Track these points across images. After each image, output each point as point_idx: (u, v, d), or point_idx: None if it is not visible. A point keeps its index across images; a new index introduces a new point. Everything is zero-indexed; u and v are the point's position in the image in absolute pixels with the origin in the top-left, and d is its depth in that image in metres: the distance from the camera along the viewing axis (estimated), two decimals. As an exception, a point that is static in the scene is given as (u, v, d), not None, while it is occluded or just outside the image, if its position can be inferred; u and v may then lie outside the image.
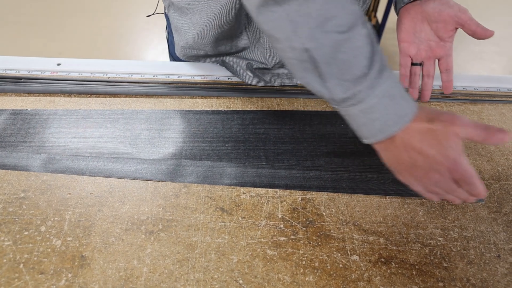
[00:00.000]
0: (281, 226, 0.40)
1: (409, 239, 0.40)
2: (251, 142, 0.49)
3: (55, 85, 0.55)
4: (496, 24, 2.50)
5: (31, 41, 2.07)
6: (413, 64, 0.55)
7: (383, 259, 0.38)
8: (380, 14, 1.92)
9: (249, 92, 0.57)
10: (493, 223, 0.42)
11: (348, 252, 0.39)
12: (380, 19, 1.94)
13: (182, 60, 0.62)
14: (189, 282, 0.35)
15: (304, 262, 0.38)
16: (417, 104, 0.38)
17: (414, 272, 0.37)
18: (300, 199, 0.43)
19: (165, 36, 0.69)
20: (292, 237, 0.40)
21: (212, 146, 0.48)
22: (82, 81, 0.56)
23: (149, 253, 0.37)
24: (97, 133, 0.49)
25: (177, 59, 0.64)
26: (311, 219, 0.41)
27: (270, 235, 0.40)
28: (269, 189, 0.44)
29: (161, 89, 0.55)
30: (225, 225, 0.40)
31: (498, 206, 0.44)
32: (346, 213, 0.42)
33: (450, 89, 0.56)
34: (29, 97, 0.54)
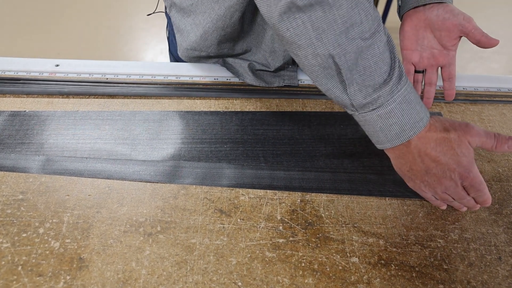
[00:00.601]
0: (280, 228, 0.40)
1: (409, 241, 0.40)
2: (250, 143, 0.49)
3: (54, 86, 0.55)
4: (496, 24, 2.50)
5: (29, 42, 2.07)
6: (416, 72, 0.55)
7: (383, 261, 0.38)
8: (380, 14, 1.91)
9: (248, 93, 0.56)
10: (494, 225, 0.42)
11: (348, 254, 0.38)
12: (380, 19, 1.93)
13: (183, 61, 0.62)
14: (188, 285, 0.35)
15: (303, 264, 0.37)
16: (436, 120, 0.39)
17: (414, 274, 0.37)
18: (299, 201, 0.43)
19: (166, 35, 0.69)
20: (291, 239, 0.39)
21: (211, 147, 0.48)
22: (81, 82, 0.56)
23: (148, 255, 0.37)
24: (96, 135, 0.49)
25: (178, 58, 0.64)
26: (310, 221, 0.41)
27: (269, 237, 0.39)
28: (268, 191, 0.44)
29: (160, 90, 0.55)
30: (224, 227, 0.40)
31: (499, 208, 0.44)
32: (346, 215, 0.42)
33: (452, 97, 0.55)
34: (28, 98, 0.54)
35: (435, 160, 0.38)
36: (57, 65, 0.59)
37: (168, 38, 0.67)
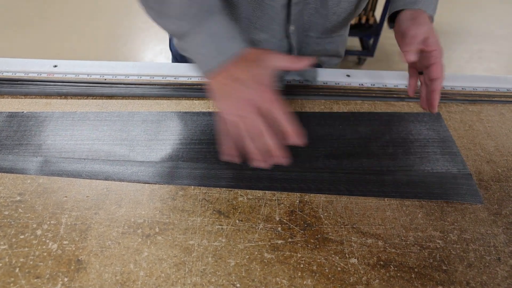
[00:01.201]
0: (279, 229, 0.40)
1: (408, 242, 0.40)
2: (249, 144, 0.49)
3: (52, 87, 0.55)
4: (496, 24, 2.50)
5: (27, 43, 2.06)
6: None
7: (382, 262, 0.38)
8: (378, 13, 1.91)
9: (247, 93, 0.56)
10: (493, 225, 0.42)
11: (347, 255, 0.38)
12: (378, 18, 1.94)
13: (183, 58, 0.62)
14: (186, 286, 0.35)
15: (302, 266, 0.37)
16: (247, 51, 0.41)
17: (413, 275, 0.37)
18: (298, 202, 0.43)
19: (167, 34, 0.69)
20: (290, 240, 0.39)
21: (209, 148, 0.48)
22: (79, 83, 0.56)
23: (146, 257, 0.37)
24: (94, 136, 0.49)
25: (177, 55, 0.64)
26: (309, 222, 0.41)
27: (268, 238, 0.39)
28: (267, 192, 0.44)
29: (158, 91, 0.55)
30: (222, 228, 0.40)
31: (498, 208, 0.44)
32: (344, 216, 0.42)
33: (434, 108, 0.49)
34: (26, 99, 0.53)
35: (238, 80, 0.40)
36: (55, 66, 0.59)
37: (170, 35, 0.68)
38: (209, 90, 0.42)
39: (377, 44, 2.00)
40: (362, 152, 0.48)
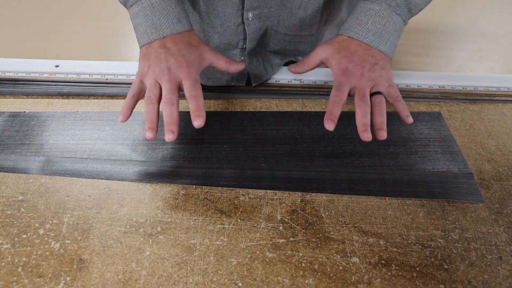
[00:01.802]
0: (280, 228, 0.40)
1: (410, 241, 0.40)
2: (250, 144, 0.49)
3: (53, 87, 0.55)
4: (496, 23, 2.49)
5: (29, 43, 2.07)
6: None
7: (383, 261, 0.38)
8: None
9: (247, 93, 0.56)
10: (494, 224, 0.42)
11: (348, 254, 0.38)
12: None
13: None
14: (188, 285, 0.35)
15: (304, 265, 0.37)
16: (191, 35, 0.44)
17: (415, 274, 0.37)
18: (299, 201, 0.43)
19: None
20: (292, 239, 0.39)
21: (211, 148, 0.48)
22: (80, 83, 0.56)
23: (148, 256, 0.37)
24: (95, 135, 0.49)
25: None
26: (311, 221, 0.41)
27: (269, 237, 0.39)
28: (268, 191, 0.44)
29: (160, 91, 0.55)
30: (224, 227, 0.40)
31: (499, 207, 0.44)
32: (346, 215, 0.42)
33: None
34: (27, 99, 0.54)
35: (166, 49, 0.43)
36: (57, 66, 0.59)
37: None
38: (140, 57, 0.45)
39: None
40: (363, 151, 0.48)
